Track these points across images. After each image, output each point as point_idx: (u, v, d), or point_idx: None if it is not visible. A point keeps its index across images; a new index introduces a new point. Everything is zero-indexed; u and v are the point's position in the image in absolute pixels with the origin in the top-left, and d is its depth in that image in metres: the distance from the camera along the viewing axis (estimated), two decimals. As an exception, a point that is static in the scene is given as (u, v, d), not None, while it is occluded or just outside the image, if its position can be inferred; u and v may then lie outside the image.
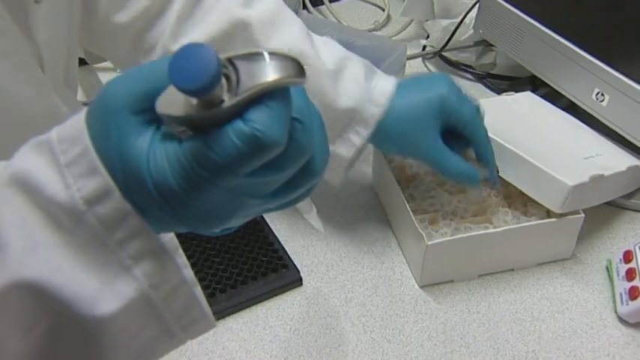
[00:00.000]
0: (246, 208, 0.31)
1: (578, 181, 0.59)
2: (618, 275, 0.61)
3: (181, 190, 0.28)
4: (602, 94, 0.70)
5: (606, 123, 0.70)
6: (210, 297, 0.60)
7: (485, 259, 0.63)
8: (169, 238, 0.34)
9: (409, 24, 1.00)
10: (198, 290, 0.36)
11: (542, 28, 0.76)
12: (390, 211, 0.69)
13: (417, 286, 0.63)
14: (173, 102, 0.28)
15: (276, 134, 0.27)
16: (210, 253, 0.63)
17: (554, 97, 0.77)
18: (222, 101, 0.27)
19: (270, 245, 0.65)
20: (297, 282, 0.63)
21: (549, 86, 0.78)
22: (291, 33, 0.60)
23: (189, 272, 0.35)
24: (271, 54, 0.27)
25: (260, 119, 0.27)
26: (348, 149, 0.61)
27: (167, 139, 0.29)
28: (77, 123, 0.30)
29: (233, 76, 0.27)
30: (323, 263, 0.65)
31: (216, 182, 0.28)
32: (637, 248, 0.60)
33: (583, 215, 0.62)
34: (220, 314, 0.59)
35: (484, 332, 0.58)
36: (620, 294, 0.59)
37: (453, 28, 0.89)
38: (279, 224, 0.68)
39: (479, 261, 0.63)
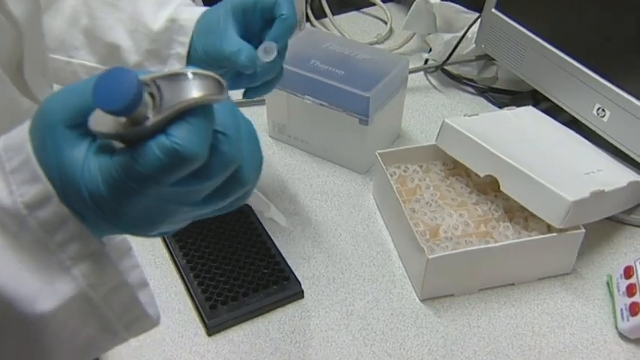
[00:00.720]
0: (178, 214, 0.33)
1: (578, 196, 0.60)
2: (619, 291, 0.61)
3: (112, 198, 0.31)
4: (603, 110, 0.70)
5: (607, 138, 0.71)
6: (211, 308, 0.60)
7: (486, 273, 0.63)
8: (121, 240, 0.38)
9: (411, 37, 1.00)
10: (147, 290, 0.39)
11: (544, 43, 0.76)
12: (391, 224, 0.69)
13: (417, 299, 0.63)
14: (103, 119, 0.30)
15: (195, 147, 0.30)
16: (212, 265, 0.64)
17: (555, 111, 0.77)
18: (147, 118, 0.30)
19: (271, 257, 0.65)
20: (299, 294, 0.63)
21: (550, 101, 0.78)
22: None
23: (137, 273, 0.38)
24: (194, 73, 0.30)
25: (180, 134, 0.29)
26: (180, 62, 0.61)
27: (101, 152, 0.31)
28: (22, 132, 0.33)
29: (157, 95, 0.30)
30: (324, 276, 0.65)
31: (143, 191, 0.31)
32: (637, 264, 0.61)
33: (584, 230, 0.62)
34: (221, 326, 0.60)
35: (484, 347, 0.59)
36: (621, 310, 0.59)
37: (455, 42, 0.90)
38: (280, 236, 0.69)
39: (479, 275, 0.63)
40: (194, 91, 0.30)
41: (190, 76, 0.30)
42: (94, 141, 0.32)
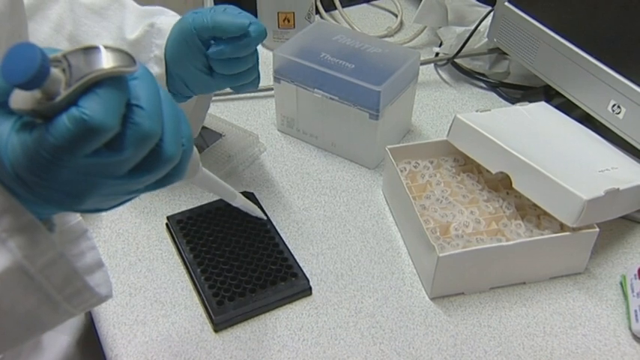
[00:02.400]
0: (104, 188, 0.34)
1: (593, 195, 0.58)
2: (633, 291, 0.60)
3: (32, 171, 0.32)
4: (619, 107, 0.69)
5: (622, 136, 0.69)
6: (218, 304, 0.59)
7: (497, 271, 0.62)
8: (76, 223, 0.41)
9: (422, 30, 0.99)
10: (103, 271, 0.42)
11: (558, 37, 0.75)
12: (401, 221, 0.69)
13: (427, 297, 0.62)
14: (21, 97, 0.32)
15: (102, 117, 0.31)
16: (220, 261, 0.63)
17: (568, 107, 0.76)
18: (60, 94, 0.31)
19: (279, 253, 0.64)
20: (307, 291, 0.62)
21: (564, 97, 0.77)
22: None
23: (93, 255, 0.41)
24: (105, 47, 0.32)
25: (89, 105, 0.31)
26: (158, 65, 0.62)
27: (22, 128, 0.32)
28: None
29: (68, 71, 0.31)
30: (333, 273, 0.64)
31: (59, 163, 0.32)
32: (652, 264, 0.60)
33: (598, 230, 0.61)
34: (228, 322, 0.59)
35: (495, 347, 0.58)
36: (635, 311, 0.58)
37: (466, 35, 0.88)
38: (289, 232, 0.68)
39: (490, 274, 0.62)
40: (103, 63, 0.31)
41: (101, 49, 0.31)
42: (19, 119, 0.33)
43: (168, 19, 0.63)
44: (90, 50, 0.32)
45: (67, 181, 0.33)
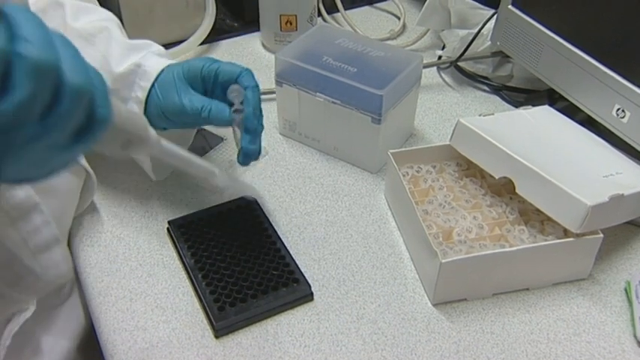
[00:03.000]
0: (15, 147, 0.31)
1: (597, 200, 0.58)
2: (637, 298, 0.59)
3: None
4: (623, 111, 0.68)
5: (627, 140, 0.69)
6: (219, 310, 0.59)
7: (500, 277, 0.61)
8: (25, 197, 0.41)
9: (425, 33, 0.98)
10: (59, 247, 0.41)
11: (562, 41, 0.74)
12: (404, 226, 0.68)
13: (429, 303, 0.62)
14: None
15: None
16: (221, 266, 0.63)
17: (572, 111, 0.75)
18: None
19: (281, 259, 0.64)
20: (308, 297, 0.62)
21: (567, 100, 0.76)
22: (99, 16, 0.68)
23: (49, 230, 0.41)
24: None
25: None
26: (138, 105, 0.63)
27: None
28: None
29: None
30: (334, 278, 0.64)
31: None
32: (657, 270, 0.59)
33: (602, 236, 0.60)
34: (229, 328, 0.59)
35: (498, 354, 0.57)
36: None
37: (469, 38, 0.88)
38: (290, 237, 0.68)
39: (494, 280, 0.61)
40: None
41: None
42: None
43: (155, 63, 0.64)
44: None
45: None
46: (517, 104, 0.86)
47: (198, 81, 0.63)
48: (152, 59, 0.64)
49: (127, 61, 0.64)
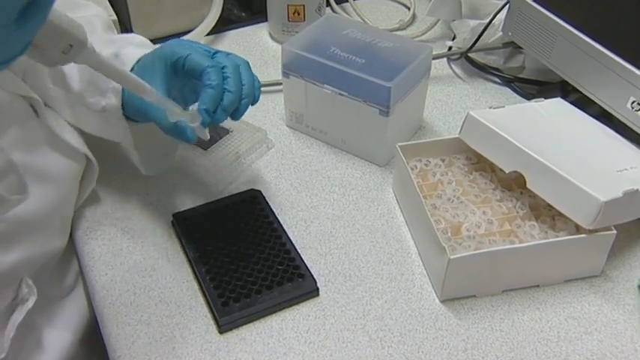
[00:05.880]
0: None
1: (610, 196, 0.56)
2: (651, 296, 0.58)
3: None
4: (638, 104, 0.66)
5: (641, 134, 0.67)
6: (223, 305, 0.58)
7: (510, 274, 0.60)
8: None
9: (435, 24, 0.97)
10: (15, 173, 0.45)
11: (576, 32, 0.72)
12: (412, 220, 0.67)
13: (437, 300, 0.60)
14: None
15: None
16: (225, 261, 0.62)
17: (585, 103, 0.73)
18: None
19: (286, 253, 0.63)
20: (314, 292, 0.61)
21: (581, 92, 0.74)
22: (85, 12, 0.66)
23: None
24: None
25: None
26: (116, 96, 0.60)
27: None
28: None
29: None
30: (341, 273, 0.63)
31: None
32: (671, 268, 0.57)
33: (615, 232, 0.59)
34: (233, 324, 0.58)
35: (507, 352, 0.56)
36: (653, 316, 0.57)
37: (480, 29, 0.86)
38: (296, 231, 0.67)
39: (503, 276, 0.60)
40: None
41: None
42: None
43: (132, 52, 0.61)
44: None
45: None
46: (529, 96, 0.84)
47: (169, 69, 0.58)
48: (128, 48, 0.62)
49: (105, 52, 0.61)
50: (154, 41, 0.94)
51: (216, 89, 0.55)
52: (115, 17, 0.83)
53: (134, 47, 0.63)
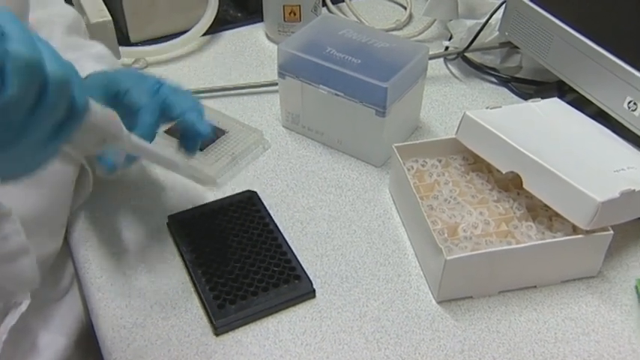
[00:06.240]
0: (10, 147, 0.32)
1: (607, 196, 0.56)
2: (648, 296, 0.58)
3: None
4: (635, 103, 0.66)
5: (639, 133, 0.67)
6: (219, 308, 0.58)
7: (507, 275, 0.60)
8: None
9: (432, 23, 0.97)
10: (28, 258, 0.43)
11: (572, 31, 0.72)
12: (408, 221, 0.67)
13: (434, 301, 0.60)
14: None
15: None
16: (221, 262, 0.61)
17: (582, 103, 0.73)
18: None
19: (282, 255, 0.62)
20: (310, 294, 0.60)
21: (577, 92, 0.74)
22: (50, 12, 0.64)
23: (18, 240, 0.41)
24: None
25: None
26: None
27: None
28: None
29: None
30: (337, 275, 0.62)
31: None
32: (669, 268, 0.57)
33: (612, 232, 0.58)
34: (229, 326, 0.57)
35: (504, 353, 0.56)
36: (650, 317, 0.56)
37: (477, 28, 0.86)
38: (292, 232, 0.66)
39: (500, 277, 0.60)
40: None
41: None
42: None
43: (86, 67, 0.60)
44: None
45: None
46: (526, 96, 0.84)
47: (109, 98, 0.56)
48: (85, 60, 0.61)
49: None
50: (150, 42, 0.94)
51: (146, 130, 0.55)
52: (109, 18, 0.82)
53: (91, 60, 0.61)
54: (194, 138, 0.57)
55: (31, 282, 0.38)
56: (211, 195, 0.70)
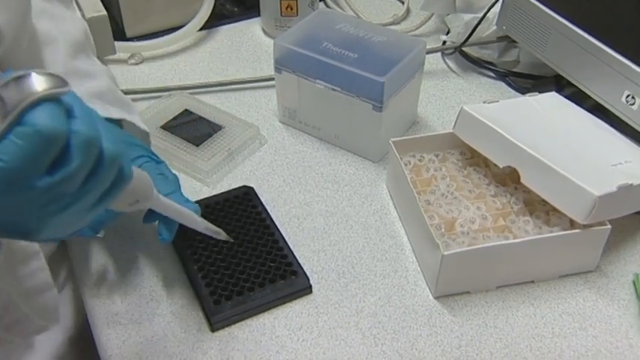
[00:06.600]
0: (57, 214, 0.35)
1: (605, 190, 0.56)
2: (646, 291, 0.58)
3: None
4: (633, 97, 0.66)
5: (637, 127, 0.67)
6: (215, 303, 0.57)
7: (504, 270, 0.60)
8: (27, 244, 0.42)
9: (429, 18, 0.96)
10: (51, 293, 0.43)
11: (570, 25, 0.72)
12: (405, 216, 0.66)
13: (431, 296, 0.60)
14: None
15: (52, 123, 0.31)
16: (217, 258, 0.61)
17: (580, 97, 0.73)
18: None
19: (279, 250, 0.62)
20: (307, 290, 0.60)
21: (575, 86, 0.74)
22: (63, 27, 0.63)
23: (43, 276, 0.42)
24: (36, 72, 0.32)
25: (34, 118, 0.31)
26: None
27: None
28: None
29: (1, 103, 0.31)
30: (334, 270, 0.62)
31: (15, 190, 0.32)
32: (666, 263, 0.57)
33: (609, 227, 0.58)
34: (225, 322, 0.57)
35: (502, 348, 0.56)
36: (648, 311, 0.56)
37: (474, 23, 0.85)
38: (289, 228, 0.66)
39: (497, 272, 0.60)
40: (36, 86, 0.32)
41: (32, 74, 0.32)
42: None
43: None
44: (21, 79, 0.32)
45: (18, 211, 0.33)
46: (523, 90, 0.84)
47: None
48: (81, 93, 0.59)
49: None
50: (146, 37, 0.94)
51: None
52: (104, 12, 0.81)
53: (86, 97, 0.59)
54: (173, 224, 0.57)
55: (53, 315, 0.41)
56: (207, 191, 0.69)
